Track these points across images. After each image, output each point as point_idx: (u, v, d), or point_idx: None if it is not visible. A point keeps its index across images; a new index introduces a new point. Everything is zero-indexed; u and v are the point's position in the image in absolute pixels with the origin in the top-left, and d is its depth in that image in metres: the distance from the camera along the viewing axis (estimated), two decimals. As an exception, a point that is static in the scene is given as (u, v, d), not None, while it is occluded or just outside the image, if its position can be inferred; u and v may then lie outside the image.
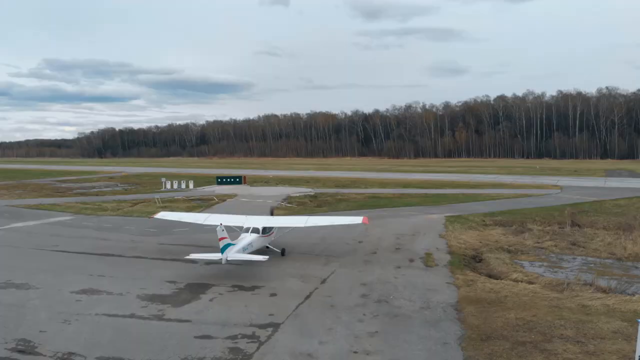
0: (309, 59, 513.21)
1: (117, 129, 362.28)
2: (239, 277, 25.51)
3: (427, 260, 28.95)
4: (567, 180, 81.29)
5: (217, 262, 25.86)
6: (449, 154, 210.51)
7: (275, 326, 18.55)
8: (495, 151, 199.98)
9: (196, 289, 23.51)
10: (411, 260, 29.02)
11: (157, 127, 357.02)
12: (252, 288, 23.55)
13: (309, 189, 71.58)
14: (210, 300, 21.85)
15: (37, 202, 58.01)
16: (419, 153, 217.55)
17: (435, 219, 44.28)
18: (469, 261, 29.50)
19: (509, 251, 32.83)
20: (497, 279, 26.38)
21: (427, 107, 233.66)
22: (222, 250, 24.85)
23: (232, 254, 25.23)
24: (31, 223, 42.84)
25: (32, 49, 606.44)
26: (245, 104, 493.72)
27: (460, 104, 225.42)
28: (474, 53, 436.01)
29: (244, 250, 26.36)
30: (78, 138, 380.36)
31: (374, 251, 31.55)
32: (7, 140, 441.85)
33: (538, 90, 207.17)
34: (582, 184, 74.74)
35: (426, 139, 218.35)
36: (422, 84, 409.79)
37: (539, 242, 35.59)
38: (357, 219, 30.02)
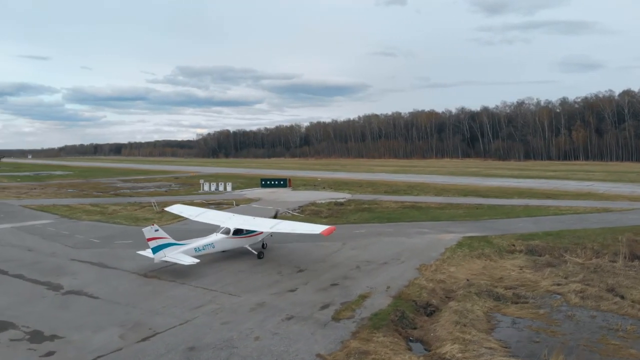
0: (426, 57, 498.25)
1: (231, 131, 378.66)
2: (71, 318, 19.35)
3: (346, 309, 20.26)
4: (681, 191, 63.53)
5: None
6: (564, 156, 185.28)
7: None
8: (618, 153, 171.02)
9: (-19, 333, 17.65)
10: (324, 307, 20.53)
11: (266, 129, 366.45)
12: (45, 339, 17.22)
13: (347, 195, 63.53)
14: (-43, 357, 15.76)
15: (55, 202, 57.34)
16: (529, 154, 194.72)
17: (445, 240, 34.36)
18: (409, 313, 20.12)
19: (498, 298, 22.74)
20: (426, 350, 17.29)
21: (542, 103, 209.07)
22: (155, 251, 24.97)
23: (174, 254, 25.09)
24: (2, 226, 40.58)
25: (166, 57, 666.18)
26: (360, 106, 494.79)
27: (579, 100, 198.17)
28: (609, 46, 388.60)
29: (196, 250, 26.17)
30: (197, 140, 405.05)
31: (297, 287, 23.39)
32: (145, 141, 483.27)
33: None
34: (700, 197, 57.41)
35: (538, 139, 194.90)
36: (549, 80, 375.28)
37: (559, 284, 24.86)
38: (319, 228, 25.89)
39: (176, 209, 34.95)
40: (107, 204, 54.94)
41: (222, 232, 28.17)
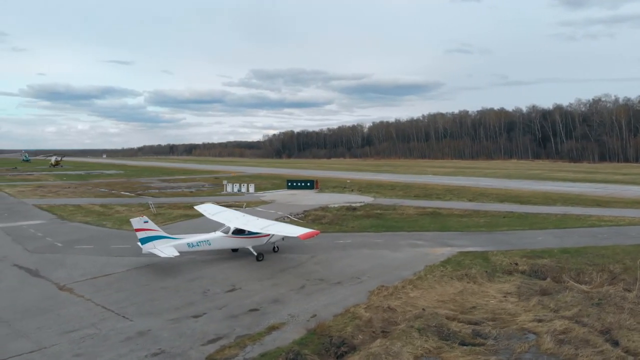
0: (504, 54, 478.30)
1: (295, 132, 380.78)
2: None
3: (235, 345, 16.70)
4: None
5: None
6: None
7: None
8: None
9: None
10: (212, 341, 17.03)
11: (328, 129, 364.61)
12: None
13: (369, 199, 59.12)
14: None
15: (69, 202, 57.45)
16: (604, 155, 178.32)
17: (434, 255, 29.59)
18: (309, 355, 16.01)
19: (447, 336, 18.11)
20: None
21: (620, 100, 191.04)
22: (143, 242, 25.87)
23: (163, 247, 25.62)
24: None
25: (241, 60, 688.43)
26: (432, 104, 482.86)
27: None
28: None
29: (189, 246, 26.78)
30: (264, 141, 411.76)
31: (207, 311, 19.93)
32: (220, 142, 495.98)
33: None
34: None
35: (614, 139, 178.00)
36: (634, 76, 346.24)
37: (541, 320, 19.82)
38: (299, 231, 25.43)
39: (202, 207, 35.94)
40: (116, 205, 54.18)
41: (222, 231, 28.50)
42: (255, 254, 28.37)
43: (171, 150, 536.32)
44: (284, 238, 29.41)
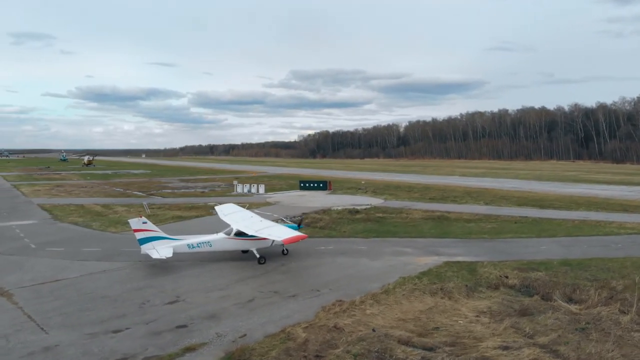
0: (549, 51, 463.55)
1: (330, 132, 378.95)
2: None
3: (136, 368, 14.68)
4: None
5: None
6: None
7: None
8: None
9: None
10: (116, 361, 15.14)
11: (363, 129, 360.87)
12: None
13: (379, 201, 56.55)
14: None
15: (73, 201, 57.43)
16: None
17: (417, 264, 27.11)
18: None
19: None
20: None
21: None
22: (141, 242, 25.91)
23: (162, 248, 25.71)
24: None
25: (281, 61, 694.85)
26: (475, 103, 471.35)
27: None
28: None
29: (189, 247, 26.76)
30: (299, 141, 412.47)
31: (132, 326, 18.22)
32: (260, 142, 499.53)
33: None
34: None
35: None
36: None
37: (508, 348, 17.14)
38: (286, 234, 24.93)
39: (221, 207, 35.24)
40: (118, 205, 53.66)
41: (225, 232, 27.93)
42: (258, 256, 27.38)
43: (211, 150, 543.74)
44: None
